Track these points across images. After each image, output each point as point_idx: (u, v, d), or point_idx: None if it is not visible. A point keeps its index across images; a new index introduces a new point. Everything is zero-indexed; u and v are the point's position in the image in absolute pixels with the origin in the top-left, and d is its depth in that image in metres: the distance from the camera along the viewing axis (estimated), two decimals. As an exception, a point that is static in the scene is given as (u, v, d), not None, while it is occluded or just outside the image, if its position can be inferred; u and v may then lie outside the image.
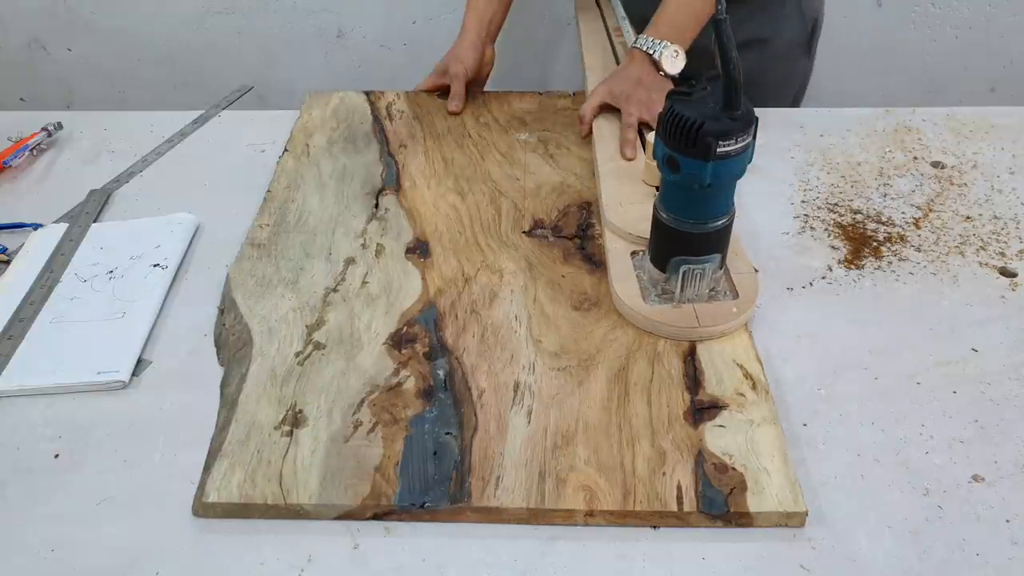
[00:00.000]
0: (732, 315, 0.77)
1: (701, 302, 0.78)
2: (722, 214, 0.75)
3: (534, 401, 0.71)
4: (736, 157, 0.71)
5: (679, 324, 0.77)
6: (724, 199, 0.75)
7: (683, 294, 0.78)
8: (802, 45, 1.23)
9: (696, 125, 0.69)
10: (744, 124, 0.70)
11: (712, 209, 0.75)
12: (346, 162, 1.04)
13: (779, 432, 0.68)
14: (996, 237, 0.91)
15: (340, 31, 1.78)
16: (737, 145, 0.70)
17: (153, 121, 1.16)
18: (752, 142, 0.72)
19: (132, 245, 0.92)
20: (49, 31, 1.81)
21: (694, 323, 0.77)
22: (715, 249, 0.77)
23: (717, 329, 0.77)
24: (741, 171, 0.73)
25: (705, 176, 0.71)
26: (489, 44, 1.19)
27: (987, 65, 1.74)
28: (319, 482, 0.65)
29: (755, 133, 0.71)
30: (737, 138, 0.70)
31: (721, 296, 0.80)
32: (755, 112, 0.71)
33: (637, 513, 0.63)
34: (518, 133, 1.09)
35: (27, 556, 0.63)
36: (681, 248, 0.77)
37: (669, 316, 0.77)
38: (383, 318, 0.80)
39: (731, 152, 0.70)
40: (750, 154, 0.72)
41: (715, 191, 0.73)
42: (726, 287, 0.80)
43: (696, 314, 0.77)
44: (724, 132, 0.69)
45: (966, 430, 0.70)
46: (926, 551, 0.62)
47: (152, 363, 0.78)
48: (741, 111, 0.70)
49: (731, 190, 0.75)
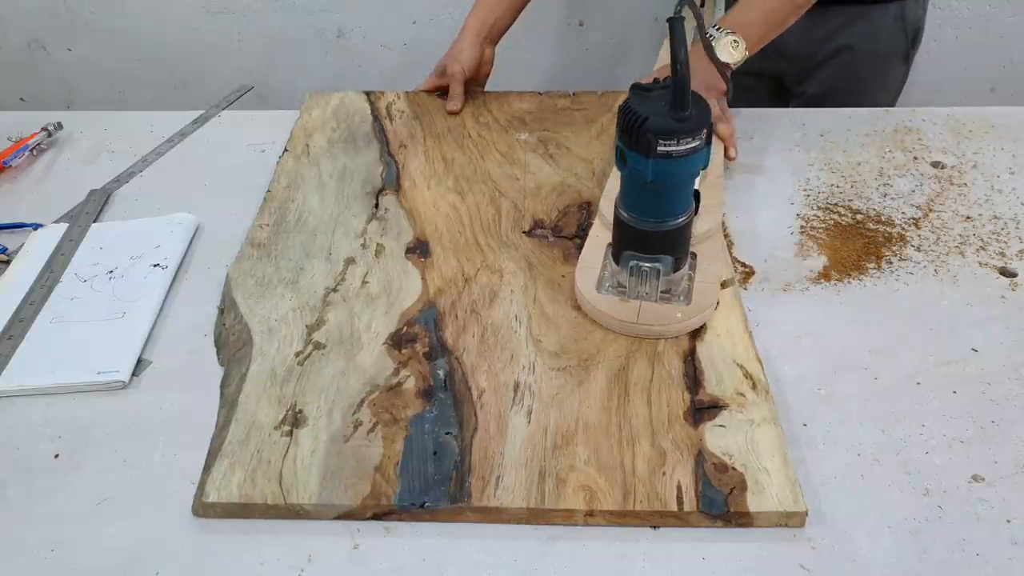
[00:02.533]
0: (674, 319, 0.77)
1: (651, 301, 0.79)
2: (672, 216, 0.75)
3: (534, 401, 0.71)
4: (680, 159, 0.70)
5: (619, 317, 0.77)
6: (674, 201, 0.74)
7: (633, 290, 0.79)
8: (900, 54, 1.23)
9: (640, 120, 0.69)
10: (691, 127, 0.69)
11: (661, 208, 0.74)
12: (346, 162, 1.04)
13: (779, 432, 0.68)
14: (996, 237, 0.91)
15: (340, 31, 1.78)
16: (680, 147, 0.69)
17: (153, 121, 1.15)
18: (703, 147, 0.71)
19: (132, 245, 0.92)
20: (49, 31, 1.81)
21: (633, 319, 0.77)
22: (666, 250, 0.76)
23: (654, 329, 0.77)
24: (687, 174, 0.72)
25: (647, 172, 0.71)
26: (489, 45, 1.19)
27: (987, 65, 1.74)
28: (319, 482, 0.65)
29: (708, 139, 0.70)
30: (680, 139, 0.69)
31: (676, 299, 0.79)
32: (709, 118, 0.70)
33: (637, 513, 0.63)
34: (518, 133, 1.09)
35: (27, 556, 0.63)
36: (632, 243, 0.77)
37: (612, 307, 0.78)
38: (383, 318, 0.80)
39: (673, 152, 0.69)
40: (702, 159, 0.71)
41: (662, 191, 0.73)
42: (685, 291, 0.80)
43: (639, 311, 0.78)
44: (667, 131, 0.68)
45: (966, 430, 0.70)
46: (926, 551, 0.62)
47: (152, 363, 0.78)
48: (689, 113, 0.69)
49: (681, 193, 0.74)
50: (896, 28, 1.20)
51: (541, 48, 1.77)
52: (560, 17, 1.73)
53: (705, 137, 0.70)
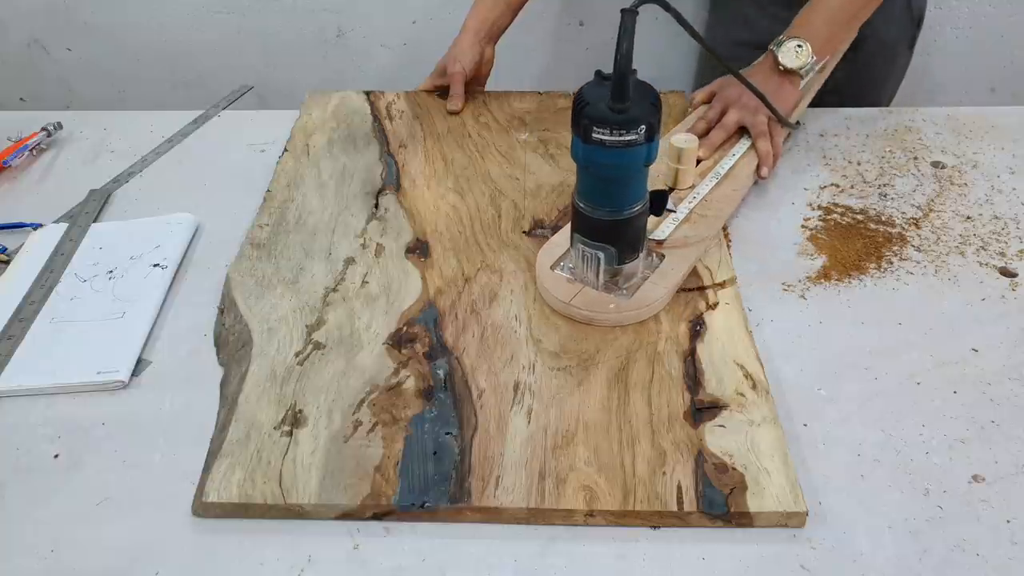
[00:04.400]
0: (606, 309, 0.78)
1: (593, 287, 0.80)
2: (613, 207, 0.75)
3: (534, 401, 0.71)
4: (614, 150, 0.70)
5: (556, 294, 0.79)
6: (616, 193, 0.75)
7: (579, 274, 0.80)
8: (906, 41, 1.24)
9: (582, 105, 0.70)
10: (625, 120, 0.69)
11: (603, 198, 0.75)
12: (346, 162, 1.04)
13: (779, 432, 0.68)
14: (996, 237, 0.91)
15: (340, 31, 1.78)
16: (613, 137, 0.69)
17: (153, 121, 1.15)
18: (641, 143, 0.70)
19: (132, 245, 0.92)
20: (49, 31, 1.81)
21: (568, 299, 0.78)
22: (608, 240, 0.77)
23: (580, 312, 0.78)
24: (622, 166, 0.72)
25: (580, 156, 0.72)
26: (489, 44, 1.19)
27: (987, 65, 1.74)
28: (319, 482, 0.65)
29: (649, 137, 0.70)
30: (614, 130, 0.69)
31: (619, 291, 0.80)
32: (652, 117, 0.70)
33: (637, 513, 0.63)
34: (518, 133, 1.09)
35: (27, 556, 0.63)
36: (579, 228, 0.78)
37: (555, 285, 0.80)
38: (383, 318, 0.80)
39: (607, 142, 0.69)
40: (640, 155, 0.71)
41: (604, 180, 0.74)
42: (633, 286, 0.80)
43: (575, 292, 0.79)
44: (602, 120, 0.69)
45: (966, 430, 0.70)
46: (926, 551, 0.62)
47: (152, 363, 0.78)
48: (627, 106, 0.68)
49: (622, 186, 0.74)
50: (904, 15, 1.21)
51: (541, 48, 1.77)
52: (560, 16, 1.73)
53: (644, 134, 0.70)
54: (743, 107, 1.01)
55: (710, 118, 1.02)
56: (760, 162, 0.98)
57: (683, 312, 0.80)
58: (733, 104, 1.02)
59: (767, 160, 0.98)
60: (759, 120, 0.99)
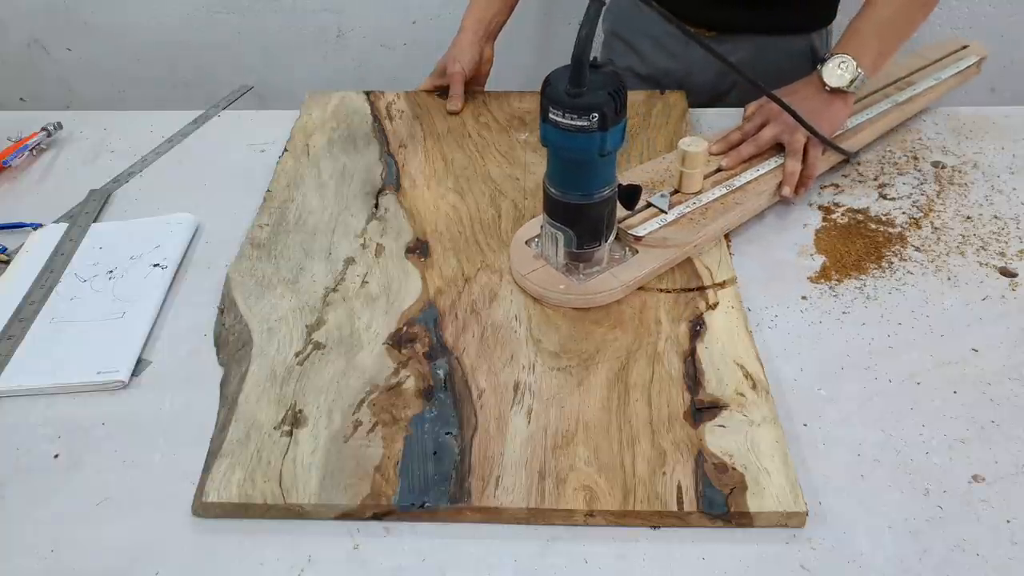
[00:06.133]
0: (555, 289, 0.80)
1: (554, 266, 0.82)
2: (568, 189, 0.77)
3: (534, 401, 0.71)
4: (567, 132, 0.71)
5: (516, 264, 0.83)
6: (573, 176, 0.76)
7: (543, 250, 0.83)
8: None
9: (545, 84, 0.72)
10: (574, 105, 0.70)
11: (562, 180, 0.77)
12: (346, 162, 1.04)
13: (779, 432, 0.68)
14: (996, 237, 0.91)
15: (340, 31, 1.78)
16: (567, 120, 0.71)
17: (153, 121, 1.15)
18: (593, 131, 0.71)
19: (132, 245, 0.92)
20: (49, 31, 1.81)
21: (525, 270, 0.82)
22: (565, 222, 0.79)
23: (532, 287, 0.81)
24: (573, 149, 0.73)
25: (540, 133, 0.74)
26: (488, 43, 1.18)
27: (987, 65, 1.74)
28: (319, 482, 0.65)
29: (602, 126, 0.71)
30: (566, 114, 0.70)
31: (577, 276, 0.81)
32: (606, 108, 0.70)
33: (637, 513, 0.63)
34: (518, 133, 1.09)
35: (27, 556, 0.63)
36: (546, 207, 0.80)
37: (518, 257, 0.84)
38: (383, 318, 0.80)
39: (560, 124, 0.71)
40: (593, 143, 0.72)
41: (561, 162, 0.76)
42: (592, 274, 0.81)
43: (535, 267, 0.83)
44: (556, 101, 0.71)
45: (966, 430, 0.70)
46: (926, 551, 0.62)
47: (152, 363, 0.78)
48: (582, 92, 0.70)
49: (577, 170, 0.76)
50: (803, 63, 1.17)
51: (541, 48, 1.77)
52: (560, 16, 1.73)
53: (597, 122, 0.70)
54: (782, 123, 0.95)
55: (746, 130, 0.99)
56: (783, 180, 0.94)
57: (683, 312, 0.80)
58: (773, 119, 0.97)
59: (790, 179, 0.93)
60: (796, 138, 0.94)
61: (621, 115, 0.72)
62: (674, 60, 1.21)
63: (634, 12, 1.23)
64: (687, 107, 1.11)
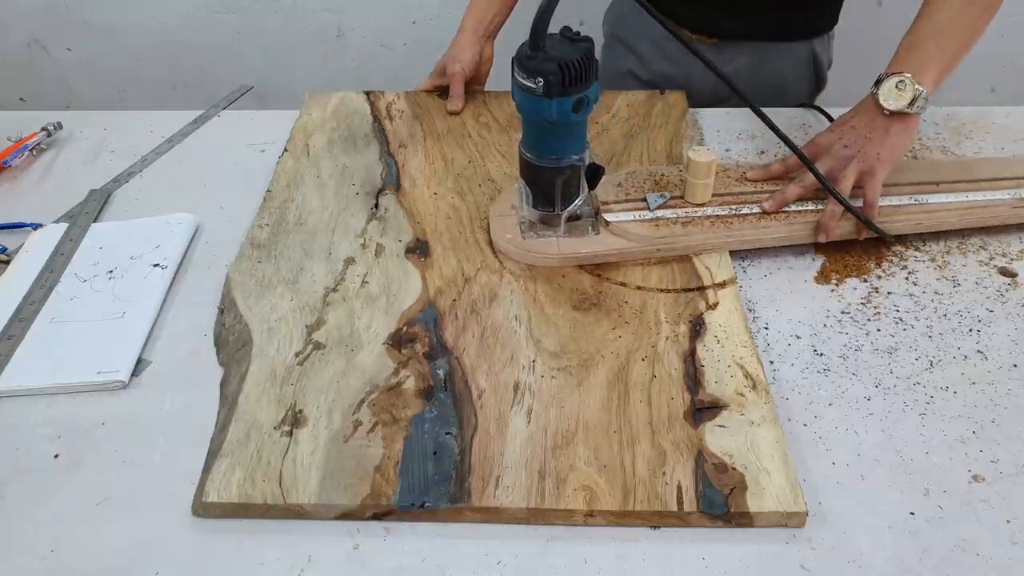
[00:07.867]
0: (500, 237, 0.87)
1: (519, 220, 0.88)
2: (527, 148, 0.82)
3: (534, 401, 0.71)
4: (524, 93, 0.76)
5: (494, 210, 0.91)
6: (533, 136, 0.81)
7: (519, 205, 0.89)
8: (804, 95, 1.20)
9: (522, 45, 0.76)
10: (527, 66, 0.75)
11: (525, 135, 0.83)
12: (346, 162, 1.04)
13: (779, 432, 0.68)
14: (996, 237, 0.91)
15: (340, 31, 1.78)
16: (522, 80, 0.76)
17: (153, 121, 1.15)
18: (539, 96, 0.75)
19: (132, 245, 0.92)
20: (49, 31, 1.81)
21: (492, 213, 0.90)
22: (523, 175, 0.85)
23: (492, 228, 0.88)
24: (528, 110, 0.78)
25: None
26: (488, 42, 1.18)
27: (987, 65, 1.74)
28: (319, 482, 0.65)
29: (547, 92, 0.74)
30: (519, 72, 0.76)
31: (529, 235, 0.87)
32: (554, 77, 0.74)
33: (637, 513, 0.63)
34: (518, 133, 1.08)
35: (27, 556, 0.63)
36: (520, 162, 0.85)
37: (497, 214, 0.90)
38: (383, 318, 0.80)
39: (520, 84, 0.76)
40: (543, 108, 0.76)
41: (522, 117, 0.81)
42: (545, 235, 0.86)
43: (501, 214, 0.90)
44: (519, 60, 0.76)
45: (966, 430, 0.70)
46: (926, 551, 0.62)
47: (152, 363, 0.78)
48: (538, 56, 0.74)
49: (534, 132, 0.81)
50: (805, 70, 1.17)
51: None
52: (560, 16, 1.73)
53: (542, 88, 0.75)
54: (834, 156, 0.86)
55: (789, 165, 0.89)
56: (819, 225, 0.85)
57: (683, 312, 0.80)
58: (823, 153, 0.86)
59: (828, 223, 0.84)
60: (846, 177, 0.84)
61: (572, 88, 0.75)
62: (675, 66, 1.21)
63: (635, 15, 1.24)
64: (687, 107, 1.11)
